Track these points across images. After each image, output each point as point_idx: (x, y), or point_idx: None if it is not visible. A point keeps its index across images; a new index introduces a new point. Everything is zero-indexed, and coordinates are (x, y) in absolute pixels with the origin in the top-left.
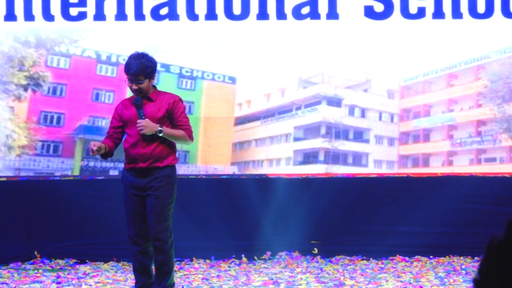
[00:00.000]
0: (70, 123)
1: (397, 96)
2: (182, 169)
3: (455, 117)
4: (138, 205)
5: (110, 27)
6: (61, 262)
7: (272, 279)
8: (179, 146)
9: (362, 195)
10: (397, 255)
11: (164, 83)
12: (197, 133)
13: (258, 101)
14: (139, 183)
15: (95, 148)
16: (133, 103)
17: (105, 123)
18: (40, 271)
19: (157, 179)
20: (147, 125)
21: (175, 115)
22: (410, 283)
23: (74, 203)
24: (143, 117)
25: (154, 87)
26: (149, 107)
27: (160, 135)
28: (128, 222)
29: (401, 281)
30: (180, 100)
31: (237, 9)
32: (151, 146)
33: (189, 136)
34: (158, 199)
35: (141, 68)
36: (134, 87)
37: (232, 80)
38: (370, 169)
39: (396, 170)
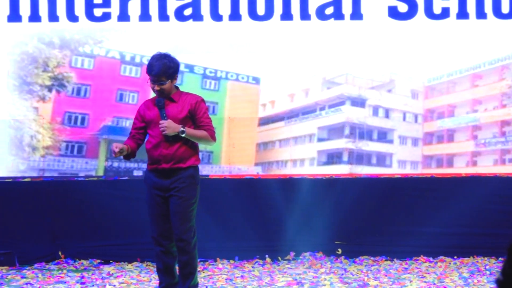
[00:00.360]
0: (94, 123)
1: (421, 97)
2: (206, 170)
3: (479, 118)
4: (161, 206)
5: (134, 27)
6: (85, 262)
7: (296, 280)
8: (202, 146)
9: (386, 195)
10: (421, 256)
11: (188, 83)
12: (221, 134)
13: (282, 101)
14: (162, 184)
15: (117, 150)
16: (155, 104)
17: (129, 123)
18: (64, 271)
19: (180, 179)
20: (169, 126)
21: (197, 115)
22: (434, 284)
23: (98, 203)
24: (166, 117)
25: (177, 87)
26: (172, 108)
27: (183, 135)
28: (151, 223)
29: (425, 282)
30: (203, 100)
31: (261, 10)
32: (173, 147)
33: (212, 137)
34: (181, 200)
35: (163, 69)
36: (156, 88)
37: (256, 80)
38: (394, 170)
39: (420, 171)
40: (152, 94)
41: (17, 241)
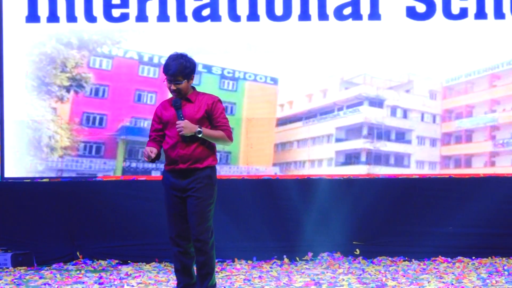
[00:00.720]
0: (113, 124)
1: (439, 97)
2: (224, 170)
3: (498, 118)
4: (179, 206)
5: (152, 28)
6: (103, 263)
7: (314, 280)
8: (220, 147)
9: (404, 196)
10: (439, 256)
11: (206, 84)
12: (239, 134)
13: (300, 102)
14: (179, 184)
15: (153, 156)
16: (172, 104)
17: (147, 124)
18: (82, 271)
19: (197, 180)
20: (186, 126)
21: (214, 116)
22: (452, 284)
23: (116, 204)
24: (182, 118)
25: (193, 88)
26: (188, 108)
27: (200, 136)
28: (169, 223)
29: (443, 282)
30: (219, 101)
31: (279, 10)
32: (190, 147)
33: (229, 137)
34: (199, 200)
35: (179, 68)
36: (173, 87)
37: (274, 81)
38: (412, 170)
39: (438, 171)
40: (170, 95)
41: (35, 242)
